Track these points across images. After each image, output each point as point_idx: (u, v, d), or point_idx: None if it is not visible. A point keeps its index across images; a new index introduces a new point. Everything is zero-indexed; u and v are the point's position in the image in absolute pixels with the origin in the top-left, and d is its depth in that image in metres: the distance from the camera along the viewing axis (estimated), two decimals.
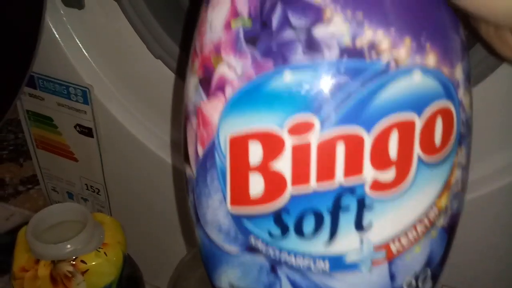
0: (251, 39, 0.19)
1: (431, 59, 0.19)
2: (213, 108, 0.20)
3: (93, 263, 0.35)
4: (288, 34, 0.18)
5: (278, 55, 0.18)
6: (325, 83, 0.18)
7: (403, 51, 0.18)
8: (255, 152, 0.19)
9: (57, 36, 0.43)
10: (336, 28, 0.18)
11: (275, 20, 0.18)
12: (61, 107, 0.47)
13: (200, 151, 0.21)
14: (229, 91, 0.20)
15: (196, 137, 0.22)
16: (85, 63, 0.45)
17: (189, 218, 0.26)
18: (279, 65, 0.18)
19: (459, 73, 0.20)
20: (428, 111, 0.19)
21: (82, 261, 0.35)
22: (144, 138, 0.46)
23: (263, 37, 0.19)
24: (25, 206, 0.68)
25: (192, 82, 0.22)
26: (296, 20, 0.18)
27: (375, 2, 0.18)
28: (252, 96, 0.19)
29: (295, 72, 0.18)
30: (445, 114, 0.20)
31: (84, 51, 0.44)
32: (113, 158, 0.49)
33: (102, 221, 0.39)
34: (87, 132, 0.47)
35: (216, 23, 0.20)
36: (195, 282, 0.37)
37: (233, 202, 0.21)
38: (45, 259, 0.35)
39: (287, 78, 0.18)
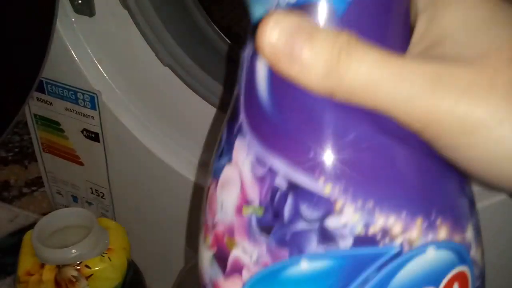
0: (265, 228, 0.19)
1: (442, 233, 0.19)
2: None
3: (98, 268, 0.36)
4: (301, 225, 0.18)
5: (293, 245, 0.19)
6: (342, 270, 0.18)
7: (415, 232, 0.18)
8: None
9: (66, 42, 0.43)
10: (348, 219, 0.18)
11: (287, 211, 0.19)
12: (68, 112, 0.48)
13: None
14: (245, 274, 0.20)
15: None
16: (94, 69, 0.45)
17: (192, 226, 0.25)
18: (294, 255, 0.19)
19: (470, 234, 0.20)
20: (444, 282, 0.19)
21: (87, 266, 0.35)
22: (150, 144, 0.46)
23: (276, 226, 0.19)
24: (29, 208, 0.69)
25: (207, 255, 0.22)
26: (307, 212, 0.18)
27: (384, 189, 0.18)
28: (269, 282, 0.19)
29: (311, 261, 0.19)
30: (461, 278, 0.20)
31: (93, 57, 0.45)
32: (118, 163, 0.49)
33: (107, 226, 0.39)
34: (93, 137, 0.48)
35: (227, 205, 0.20)
36: None
37: None
38: (50, 264, 0.35)
39: (304, 266, 0.19)
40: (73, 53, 0.44)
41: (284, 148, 0.18)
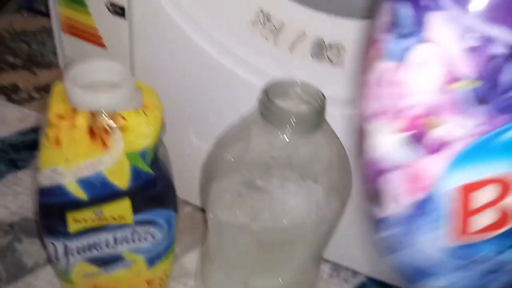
0: (480, 99, 0.19)
1: None
2: (433, 164, 0.21)
3: (133, 120, 0.33)
4: None
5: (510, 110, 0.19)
6: None
7: None
8: (484, 196, 0.21)
9: None
10: None
11: (506, 76, 0.19)
12: None
13: (407, 201, 0.23)
14: (453, 149, 0.20)
15: (400, 190, 0.23)
16: None
17: None
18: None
19: None
20: None
21: (122, 117, 0.33)
22: (185, 23, 0.43)
23: (491, 95, 0.19)
24: (39, 111, 0.66)
25: (392, 139, 0.22)
26: None
27: None
28: (483, 150, 0.20)
29: None
30: None
31: None
32: (145, 46, 0.46)
33: (139, 87, 0.37)
34: (119, 12, 0.45)
35: (425, 86, 0.21)
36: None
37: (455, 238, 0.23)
38: (82, 109, 0.32)
39: None
40: None
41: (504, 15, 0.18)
